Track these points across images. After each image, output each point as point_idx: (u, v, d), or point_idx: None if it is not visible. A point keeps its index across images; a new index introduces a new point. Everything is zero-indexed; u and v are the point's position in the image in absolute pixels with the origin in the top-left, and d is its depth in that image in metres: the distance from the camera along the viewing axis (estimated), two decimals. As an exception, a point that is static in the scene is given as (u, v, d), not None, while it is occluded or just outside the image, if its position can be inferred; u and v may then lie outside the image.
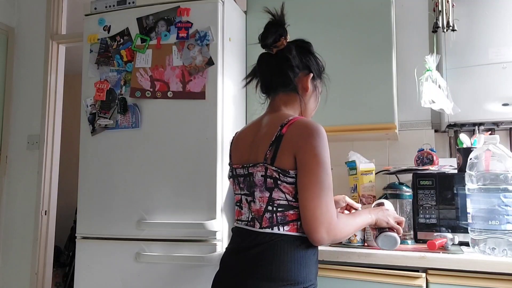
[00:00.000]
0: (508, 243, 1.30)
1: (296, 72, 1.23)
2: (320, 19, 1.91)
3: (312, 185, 1.08)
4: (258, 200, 1.15)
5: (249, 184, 1.19)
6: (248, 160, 1.20)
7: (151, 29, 1.79)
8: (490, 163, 1.37)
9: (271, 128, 1.16)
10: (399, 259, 1.35)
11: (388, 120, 1.77)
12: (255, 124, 1.28)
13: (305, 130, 1.12)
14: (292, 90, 1.23)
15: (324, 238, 1.08)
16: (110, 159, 1.80)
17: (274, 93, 1.26)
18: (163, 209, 1.69)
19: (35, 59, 2.71)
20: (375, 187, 1.78)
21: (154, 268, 1.67)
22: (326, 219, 1.07)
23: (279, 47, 1.22)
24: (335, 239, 1.11)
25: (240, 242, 1.19)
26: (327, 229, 1.07)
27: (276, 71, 1.23)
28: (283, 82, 1.23)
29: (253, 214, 1.16)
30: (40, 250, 2.54)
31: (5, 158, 2.69)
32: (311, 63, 1.27)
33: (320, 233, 1.07)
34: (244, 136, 1.28)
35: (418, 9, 2.08)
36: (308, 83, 1.25)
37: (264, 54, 1.27)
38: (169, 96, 1.73)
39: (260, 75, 1.28)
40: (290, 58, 1.21)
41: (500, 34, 1.76)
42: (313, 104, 1.30)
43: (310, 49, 1.29)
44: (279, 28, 1.22)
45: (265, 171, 1.13)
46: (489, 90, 1.76)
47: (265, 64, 1.26)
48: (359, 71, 1.83)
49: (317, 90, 1.30)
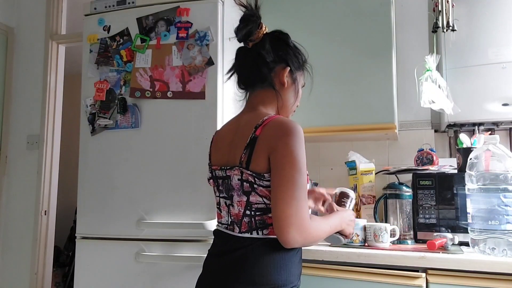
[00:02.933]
0: (508, 243, 1.30)
1: (271, 66, 1.18)
2: (320, 19, 1.91)
3: (284, 184, 1.03)
4: (236, 204, 1.13)
5: (227, 187, 1.16)
6: (227, 163, 1.16)
7: (151, 29, 1.79)
8: (490, 163, 1.37)
9: (247, 130, 1.12)
10: (399, 259, 1.34)
11: (388, 120, 1.77)
12: (234, 122, 1.24)
13: (279, 130, 1.08)
14: (269, 85, 1.19)
15: (296, 239, 1.03)
16: (109, 159, 1.80)
17: (252, 90, 1.23)
18: (163, 209, 1.69)
19: (35, 59, 2.71)
20: (375, 187, 1.78)
21: (154, 268, 1.67)
22: (297, 220, 1.02)
23: (254, 40, 1.19)
24: (306, 242, 1.07)
25: (221, 245, 1.17)
26: (298, 230, 1.02)
27: (252, 66, 1.19)
28: (259, 78, 1.19)
29: (232, 218, 1.14)
30: (39, 250, 2.54)
31: (5, 158, 2.69)
32: (288, 56, 1.21)
33: (290, 234, 1.02)
34: (223, 135, 1.24)
35: (418, 9, 2.08)
36: (284, 77, 1.19)
37: (241, 49, 1.23)
38: (169, 96, 1.73)
39: (237, 71, 1.24)
40: (263, 54, 1.17)
41: (500, 34, 1.76)
42: (292, 99, 1.24)
43: (287, 41, 1.23)
44: (252, 21, 1.17)
45: (241, 175, 1.10)
46: (489, 90, 1.76)
47: (241, 59, 1.22)
48: (359, 71, 1.83)
49: (297, 83, 1.24)
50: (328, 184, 2.09)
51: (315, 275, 1.43)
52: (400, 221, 1.59)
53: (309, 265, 1.45)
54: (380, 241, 1.47)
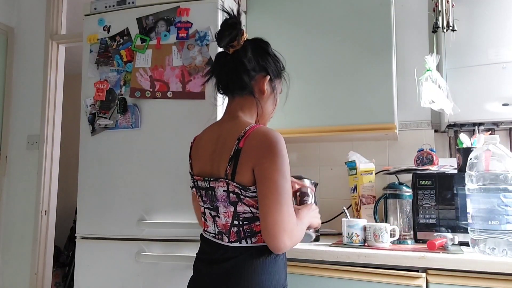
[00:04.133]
0: (508, 243, 1.30)
1: (252, 75, 1.19)
2: (320, 19, 1.91)
3: (272, 193, 1.05)
4: (223, 215, 1.13)
5: (211, 198, 1.16)
6: (211, 174, 1.16)
7: (151, 29, 1.79)
8: (490, 163, 1.37)
9: (229, 140, 1.13)
10: (399, 259, 1.35)
11: (388, 120, 1.77)
12: (214, 130, 1.24)
13: (263, 142, 1.09)
14: (248, 93, 1.20)
15: (286, 244, 1.05)
16: (110, 159, 1.80)
17: (231, 96, 1.23)
18: (163, 209, 1.69)
19: (35, 59, 2.71)
20: (375, 187, 1.78)
21: (154, 268, 1.67)
22: (289, 226, 1.05)
23: (235, 46, 1.19)
24: (292, 246, 1.09)
25: (211, 253, 1.17)
26: (289, 235, 1.05)
27: (232, 73, 1.19)
28: (239, 85, 1.19)
29: (219, 228, 1.15)
30: (40, 250, 2.54)
31: (5, 158, 2.69)
32: (268, 65, 1.22)
33: (282, 240, 1.04)
34: (204, 144, 1.23)
35: (418, 9, 2.08)
36: (265, 85, 1.21)
37: (221, 54, 1.23)
38: (169, 96, 1.73)
39: (216, 76, 1.24)
40: (245, 62, 1.17)
41: (500, 34, 1.76)
42: (270, 107, 1.26)
43: (267, 50, 1.24)
44: (234, 28, 1.18)
45: (227, 186, 1.11)
46: (489, 90, 1.76)
47: (221, 64, 1.22)
48: (359, 71, 1.83)
49: (275, 91, 1.26)
50: (328, 184, 2.10)
51: (315, 275, 1.43)
52: (400, 221, 1.59)
53: (309, 265, 1.45)
54: (380, 241, 1.47)
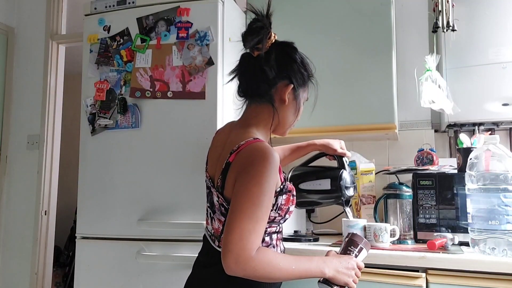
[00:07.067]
0: (508, 243, 1.30)
1: (273, 83, 1.12)
2: (320, 19, 1.91)
3: (234, 208, 0.97)
4: (217, 220, 1.12)
5: (210, 200, 1.16)
6: (212, 177, 1.15)
7: (151, 29, 1.79)
8: (490, 163, 1.37)
9: (227, 151, 1.08)
10: (399, 259, 1.34)
11: (388, 120, 1.77)
12: (226, 132, 1.20)
13: (247, 157, 1.02)
14: (267, 101, 1.13)
15: (231, 268, 0.94)
16: (110, 159, 1.80)
17: (249, 102, 1.17)
18: (163, 209, 1.69)
19: (35, 59, 2.71)
20: (375, 187, 1.78)
21: (154, 268, 1.67)
22: (236, 248, 0.93)
23: (260, 50, 1.11)
24: (247, 274, 0.95)
25: (205, 254, 1.17)
26: (235, 259, 0.93)
27: (251, 80, 1.14)
28: (258, 93, 1.13)
29: (213, 230, 1.14)
30: (40, 250, 2.54)
31: (5, 158, 2.70)
32: (293, 72, 1.13)
33: (227, 260, 0.93)
34: (216, 143, 1.22)
35: (418, 9, 2.08)
36: (286, 94, 1.13)
37: (245, 56, 1.16)
38: (169, 96, 1.73)
39: (238, 78, 1.17)
40: (266, 70, 1.10)
41: (500, 34, 1.76)
42: (291, 117, 1.18)
43: (293, 56, 1.15)
44: (258, 34, 1.10)
45: (218, 197, 1.10)
46: (489, 90, 1.76)
47: (245, 67, 1.16)
48: (359, 71, 1.83)
49: (298, 100, 1.16)
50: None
51: (315, 275, 1.43)
52: (400, 221, 1.59)
53: (309, 265, 1.44)
54: (380, 241, 1.47)
